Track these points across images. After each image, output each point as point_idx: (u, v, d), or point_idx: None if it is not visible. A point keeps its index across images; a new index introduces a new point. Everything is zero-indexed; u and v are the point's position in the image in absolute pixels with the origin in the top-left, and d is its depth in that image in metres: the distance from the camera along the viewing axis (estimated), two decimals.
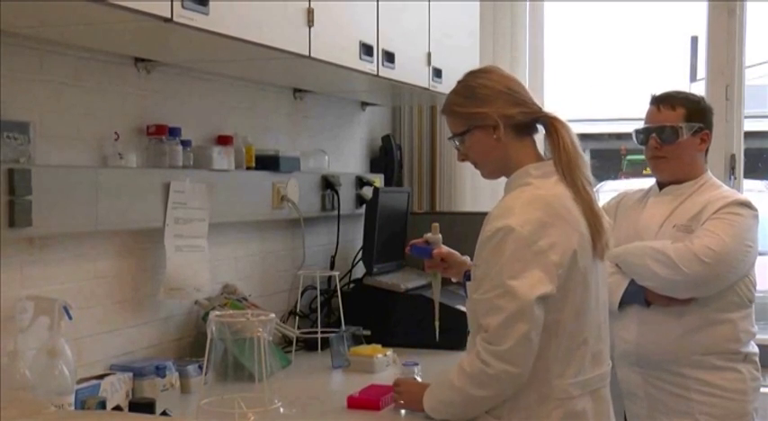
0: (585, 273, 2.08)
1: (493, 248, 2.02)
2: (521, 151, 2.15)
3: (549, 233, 2.00)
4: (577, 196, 2.07)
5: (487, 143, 2.14)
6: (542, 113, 2.16)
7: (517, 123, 2.13)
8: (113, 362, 2.55)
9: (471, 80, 2.19)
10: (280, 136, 3.40)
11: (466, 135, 2.17)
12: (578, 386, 2.07)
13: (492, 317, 2.02)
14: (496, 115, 2.12)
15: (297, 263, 3.42)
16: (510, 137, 2.14)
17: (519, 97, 2.15)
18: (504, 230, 2.00)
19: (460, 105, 2.18)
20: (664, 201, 2.78)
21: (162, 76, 2.74)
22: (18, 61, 2.25)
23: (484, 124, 2.13)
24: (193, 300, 2.88)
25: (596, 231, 2.08)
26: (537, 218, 2.01)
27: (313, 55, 2.59)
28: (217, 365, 2.48)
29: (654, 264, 2.62)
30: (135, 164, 2.58)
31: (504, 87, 2.14)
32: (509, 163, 2.16)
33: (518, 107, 2.13)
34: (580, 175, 2.10)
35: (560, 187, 2.08)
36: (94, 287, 2.51)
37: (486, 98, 2.14)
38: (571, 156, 2.10)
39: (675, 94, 2.82)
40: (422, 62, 3.38)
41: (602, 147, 11.95)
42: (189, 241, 2.75)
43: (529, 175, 2.12)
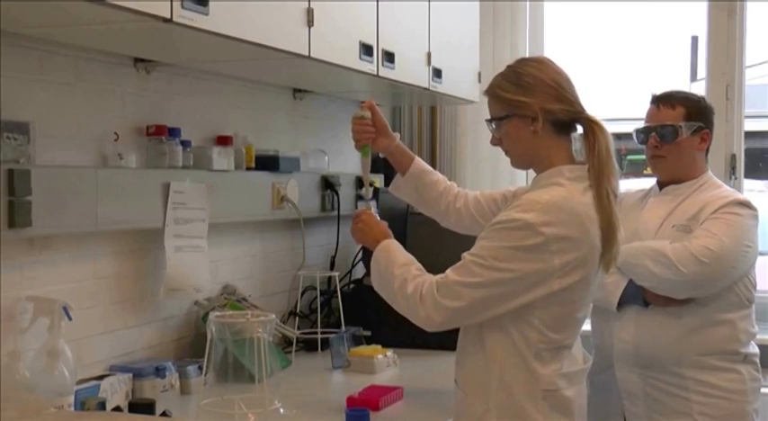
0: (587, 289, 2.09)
1: (500, 230, 2.02)
2: (555, 149, 2.13)
3: (566, 244, 1.99)
4: (599, 206, 2.05)
5: (523, 134, 2.12)
6: (584, 114, 2.13)
7: (557, 120, 2.11)
8: (113, 363, 2.56)
9: (520, 66, 2.16)
10: (279, 136, 3.40)
11: (503, 121, 2.15)
12: (564, 378, 2.08)
13: (459, 274, 2.03)
14: (537, 107, 2.09)
15: (297, 263, 3.43)
16: (547, 132, 2.11)
17: (564, 94, 2.12)
18: (521, 223, 1.99)
19: (504, 90, 2.15)
20: (663, 201, 2.78)
21: (162, 76, 2.74)
22: (18, 61, 2.25)
23: (523, 114, 2.11)
24: (193, 301, 2.88)
25: (608, 244, 2.06)
26: (558, 223, 1.99)
27: (313, 55, 2.59)
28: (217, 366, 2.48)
29: (652, 264, 2.62)
30: (135, 164, 2.58)
31: (551, 81, 2.11)
32: (541, 158, 2.14)
33: (561, 104, 2.11)
34: (607, 185, 2.07)
35: (588, 195, 2.06)
36: (94, 287, 2.52)
37: (531, 88, 2.11)
38: (603, 163, 2.07)
39: (675, 93, 2.82)
40: (422, 62, 3.38)
41: None
42: (189, 241, 2.75)
43: (561, 175, 2.10)
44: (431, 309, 2.05)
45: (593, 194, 2.06)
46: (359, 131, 2.47)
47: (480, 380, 2.10)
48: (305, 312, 3.41)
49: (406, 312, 2.11)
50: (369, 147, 2.47)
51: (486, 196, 2.49)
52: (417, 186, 2.53)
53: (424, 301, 2.05)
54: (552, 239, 1.98)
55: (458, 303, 2.03)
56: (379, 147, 2.51)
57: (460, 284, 2.03)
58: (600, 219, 2.05)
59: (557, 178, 2.09)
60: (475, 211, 2.47)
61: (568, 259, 2.00)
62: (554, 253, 1.99)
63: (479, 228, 2.17)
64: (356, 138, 2.47)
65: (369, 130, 2.46)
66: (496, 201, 2.45)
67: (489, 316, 2.04)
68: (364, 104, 2.48)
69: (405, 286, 2.09)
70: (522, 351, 2.04)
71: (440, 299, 2.04)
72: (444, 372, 2.34)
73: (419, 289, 2.07)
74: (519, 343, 2.04)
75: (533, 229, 1.98)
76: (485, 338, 2.08)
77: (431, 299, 2.05)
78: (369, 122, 2.46)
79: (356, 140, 2.48)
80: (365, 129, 2.46)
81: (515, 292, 2.01)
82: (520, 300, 2.01)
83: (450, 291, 2.03)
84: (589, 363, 2.22)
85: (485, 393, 2.08)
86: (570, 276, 2.01)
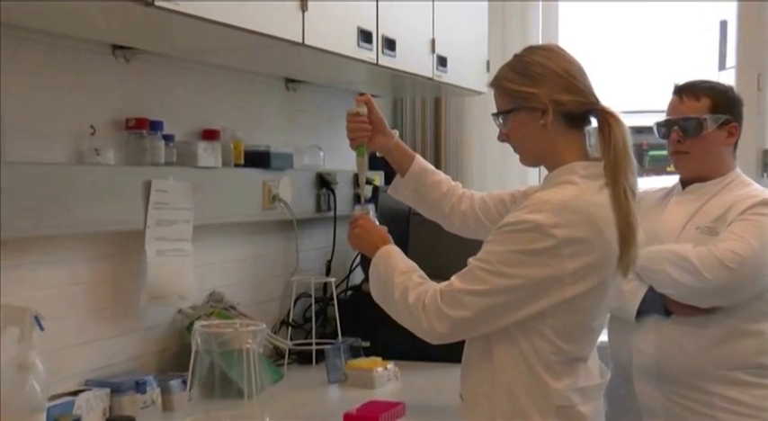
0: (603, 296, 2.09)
1: (509, 233, 2.02)
2: (567, 144, 2.13)
3: (579, 247, 1.99)
4: (616, 204, 2.05)
5: (532, 128, 2.12)
6: (598, 106, 2.13)
7: (568, 112, 2.11)
8: (89, 377, 2.56)
9: (527, 55, 2.16)
10: (271, 130, 3.40)
11: (510, 114, 2.15)
12: (579, 394, 2.08)
13: (464, 282, 2.04)
14: (546, 99, 2.09)
15: (290, 268, 3.43)
16: (558, 126, 2.11)
17: (576, 84, 2.12)
18: (530, 224, 2.00)
19: (510, 80, 2.15)
20: (686, 200, 2.78)
21: (142, 64, 2.74)
22: None
23: (531, 106, 2.11)
24: (177, 309, 2.89)
25: (626, 246, 2.06)
26: (570, 225, 1.99)
27: (307, 42, 2.59)
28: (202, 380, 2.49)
29: (674, 269, 2.62)
30: (113, 161, 2.59)
31: (561, 70, 2.11)
32: (552, 155, 2.14)
33: (572, 94, 2.11)
34: (624, 182, 2.07)
35: (604, 194, 2.06)
36: (69, 295, 2.52)
37: (539, 78, 2.11)
38: (620, 158, 2.07)
39: (700, 82, 2.81)
40: (425, 50, 3.39)
41: None
42: (172, 245, 2.75)
43: (574, 173, 2.09)
44: (434, 319, 2.05)
45: (609, 193, 2.06)
46: (354, 129, 2.47)
47: (487, 395, 2.10)
48: (298, 321, 3.41)
49: (407, 323, 2.11)
50: (365, 146, 2.47)
51: (493, 197, 2.49)
52: (418, 188, 2.53)
53: (426, 311, 2.05)
54: (564, 242, 1.98)
55: (463, 313, 2.03)
56: (376, 146, 2.51)
57: (466, 292, 2.03)
58: (617, 220, 2.05)
59: (569, 176, 2.09)
60: (481, 213, 2.47)
61: (582, 263, 2.00)
62: (566, 257, 1.99)
63: (486, 231, 2.17)
64: (351, 136, 2.47)
65: (364, 128, 2.46)
66: (504, 201, 2.45)
67: (497, 326, 2.04)
68: (359, 98, 2.48)
69: (406, 295, 2.10)
70: (533, 363, 2.05)
71: (444, 308, 2.04)
72: (449, 386, 2.35)
73: (421, 298, 2.07)
74: (529, 354, 2.05)
75: (543, 232, 1.98)
76: (492, 350, 2.08)
77: (434, 308, 2.05)
78: (364, 119, 2.46)
79: (351, 139, 2.48)
80: (360, 127, 2.46)
81: (525, 300, 2.01)
82: (530, 309, 2.01)
83: (455, 299, 2.03)
84: (607, 378, 2.22)
85: (492, 409, 2.09)
86: (584, 282, 2.01)
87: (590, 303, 2.06)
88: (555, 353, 2.05)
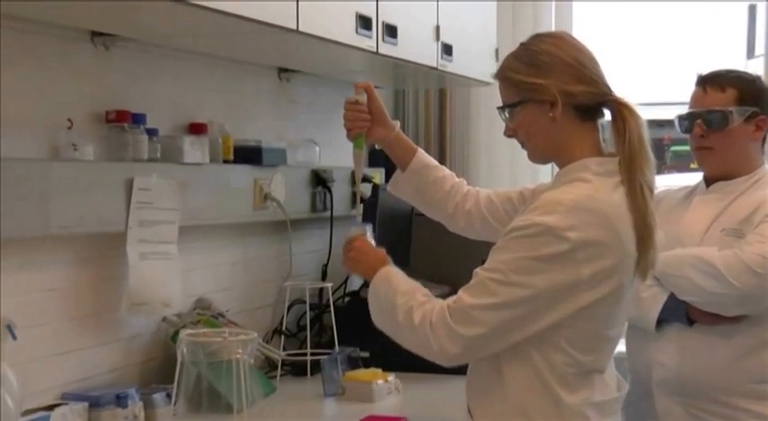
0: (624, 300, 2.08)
1: (518, 238, 2.02)
2: (579, 139, 2.13)
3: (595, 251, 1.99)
4: (632, 203, 2.05)
5: (541, 121, 2.12)
6: (611, 96, 2.13)
7: (579, 104, 2.11)
8: (66, 390, 2.55)
9: (534, 44, 2.17)
10: (263, 124, 3.40)
11: (517, 107, 2.15)
12: (595, 409, 2.07)
13: (474, 295, 2.02)
14: (556, 90, 2.09)
15: (283, 272, 3.43)
16: (569, 119, 2.11)
17: (586, 73, 2.12)
18: (542, 228, 1.99)
19: (516, 71, 2.15)
20: (710, 200, 2.77)
21: (124, 53, 2.74)
22: None
23: (540, 98, 2.11)
24: (161, 317, 2.88)
25: (644, 247, 2.06)
26: (585, 227, 1.98)
27: (301, 29, 2.59)
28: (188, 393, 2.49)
29: (697, 275, 2.61)
30: (92, 156, 2.58)
31: (570, 58, 2.11)
32: (562, 150, 2.14)
33: (583, 85, 2.10)
34: (641, 178, 2.06)
35: (619, 192, 2.06)
36: (44, 301, 2.51)
37: (548, 68, 2.11)
38: (636, 153, 2.07)
39: (725, 72, 2.81)
40: (429, 37, 3.39)
41: None
42: (156, 247, 2.75)
43: (587, 170, 2.09)
44: (444, 339, 2.03)
45: (625, 191, 2.06)
46: (351, 118, 2.46)
47: (495, 410, 2.09)
48: (292, 330, 3.41)
49: (415, 346, 2.10)
50: (363, 137, 2.46)
51: (500, 195, 2.49)
52: (420, 184, 2.53)
53: (435, 331, 2.03)
54: (579, 246, 1.98)
55: (476, 330, 2.01)
56: (375, 138, 2.50)
57: (477, 307, 2.01)
58: (634, 220, 2.05)
59: (582, 173, 2.09)
60: (487, 212, 2.46)
61: (598, 268, 1.99)
62: (582, 261, 1.98)
63: (492, 232, 2.17)
64: (348, 125, 2.46)
65: (363, 117, 2.45)
66: (512, 200, 2.44)
67: (514, 341, 2.03)
68: (359, 85, 2.47)
69: (411, 316, 2.08)
70: (545, 376, 2.04)
71: (454, 326, 2.02)
72: (454, 400, 2.34)
73: (428, 317, 2.05)
74: (541, 366, 2.04)
75: (557, 235, 1.97)
76: (500, 361, 2.08)
77: (443, 327, 2.03)
78: (364, 107, 2.45)
79: (348, 129, 2.47)
80: (359, 116, 2.45)
81: (541, 311, 2.00)
82: (547, 320, 2.01)
83: (466, 316, 2.02)
84: (624, 391, 2.21)
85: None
86: (601, 287, 2.01)
87: (607, 310, 2.05)
88: (570, 364, 2.04)
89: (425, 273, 3.69)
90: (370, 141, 2.50)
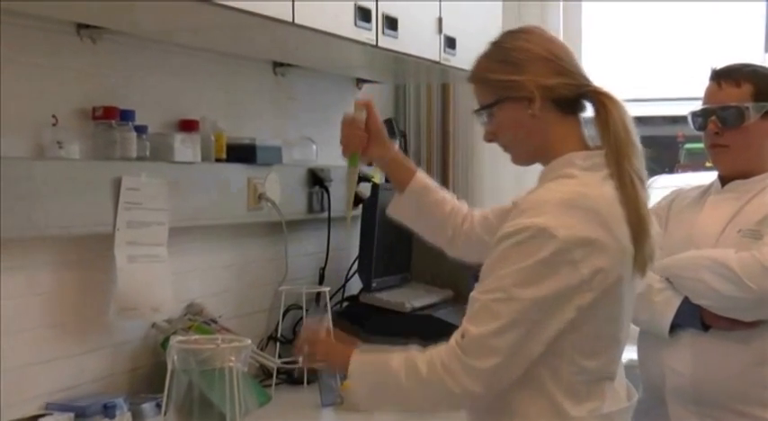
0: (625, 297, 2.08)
1: (511, 247, 2.01)
2: (562, 133, 2.14)
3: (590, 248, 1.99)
4: (623, 195, 2.06)
5: (520, 119, 2.13)
6: (590, 87, 2.15)
7: (558, 98, 2.12)
8: (50, 400, 2.55)
9: (506, 41, 2.18)
10: (257, 121, 3.40)
11: (495, 108, 2.16)
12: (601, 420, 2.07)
13: (480, 323, 2.00)
14: (533, 85, 2.10)
15: (278, 276, 3.43)
16: (549, 114, 2.12)
17: (563, 65, 2.13)
18: (532, 230, 1.99)
19: (490, 71, 2.17)
20: (726, 199, 2.77)
21: (111, 46, 2.74)
22: None
23: (517, 95, 2.12)
24: (150, 323, 2.89)
25: (639, 241, 2.06)
26: (577, 225, 1.98)
27: (297, 21, 2.59)
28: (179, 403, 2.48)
29: (712, 277, 2.61)
30: (78, 155, 2.58)
31: (545, 52, 2.13)
32: (546, 147, 2.15)
33: (561, 77, 2.12)
34: (629, 169, 2.07)
35: (608, 186, 2.07)
36: (28, 306, 2.51)
37: (522, 63, 2.12)
38: (621, 142, 2.09)
39: (741, 66, 2.80)
40: (431, 29, 3.39)
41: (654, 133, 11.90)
42: (145, 250, 2.75)
43: (572, 165, 2.11)
44: (464, 378, 1.99)
45: (614, 184, 2.07)
46: (348, 136, 2.49)
47: None
48: (288, 337, 3.40)
49: (434, 403, 2.04)
50: (357, 156, 2.49)
51: (495, 211, 2.49)
52: (420, 206, 2.53)
53: (451, 373, 2.00)
54: (573, 245, 1.97)
55: (494, 359, 1.98)
56: (372, 156, 2.53)
57: (488, 335, 1.98)
58: (627, 213, 2.05)
59: (567, 169, 2.10)
60: (483, 232, 2.45)
61: (596, 266, 1.99)
62: (579, 261, 1.98)
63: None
64: (344, 143, 2.49)
65: (359, 135, 2.48)
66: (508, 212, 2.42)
67: (532, 359, 2.01)
68: (359, 103, 2.50)
69: (416, 371, 2.03)
70: (549, 388, 2.03)
71: (470, 361, 1.99)
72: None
73: (435, 363, 2.01)
74: (545, 378, 2.03)
75: (549, 235, 1.97)
76: None
77: (458, 366, 1.99)
78: (360, 125, 2.48)
79: (344, 146, 2.50)
80: (355, 134, 2.48)
81: (549, 318, 1.99)
82: (556, 326, 2.00)
83: (479, 347, 1.99)
84: (635, 400, 2.21)
85: None
86: (602, 286, 2.01)
87: (609, 309, 2.05)
88: (577, 373, 2.04)
89: (426, 276, 3.70)
90: (366, 159, 2.53)
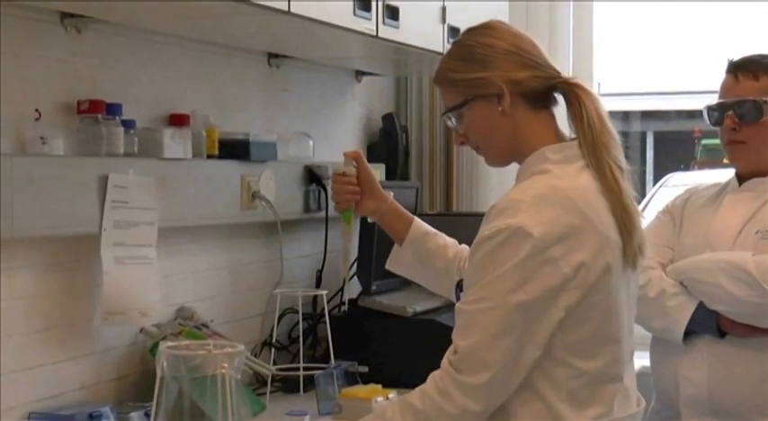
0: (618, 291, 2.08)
1: (489, 252, 2.03)
2: (535, 128, 2.17)
3: (569, 243, 2.00)
4: (604, 186, 2.08)
5: (491, 118, 2.16)
6: (560, 79, 2.17)
7: (528, 91, 2.15)
8: (33, 409, 2.55)
9: (469, 38, 2.22)
10: (251, 115, 3.40)
11: (464, 108, 2.18)
12: None
13: (470, 336, 2.02)
14: (500, 81, 2.13)
15: (273, 279, 3.43)
16: (520, 109, 2.15)
17: (530, 59, 2.16)
18: (508, 231, 2.01)
19: (455, 70, 2.20)
20: (743, 199, 2.77)
21: (97, 36, 2.74)
22: None
23: (485, 93, 2.15)
24: (139, 328, 2.89)
25: (626, 232, 2.08)
26: (553, 220, 2.01)
27: (293, 10, 2.59)
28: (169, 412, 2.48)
29: (729, 281, 2.61)
30: (62, 151, 2.59)
31: (510, 46, 2.16)
32: (520, 144, 2.17)
33: (528, 70, 2.15)
34: (607, 158, 2.10)
35: (585, 176, 2.10)
36: (9, 311, 2.51)
37: (488, 59, 2.15)
38: (596, 132, 2.11)
39: (759, 58, 2.80)
40: (434, 19, 3.39)
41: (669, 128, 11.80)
42: (133, 251, 2.75)
43: (545, 160, 2.13)
44: (461, 398, 2.01)
45: (592, 174, 2.10)
46: (339, 191, 2.53)
47: None
48: (283, 342, 3.41)
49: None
50: (352, 212, 2.53)
51: None
52: (421, 254, 2.56)
53: (447, 396, 2.02)
54: (551, 242, 1.99)
55: (488, 373, 2.00)
56: (366, 211, 2.56)
57: (478, 348, 2.01)
58: (609, 203, 2.08)
59: (540, 165, 2.13)
60: None
61: (577, 260, 2.01)
62: (559, 259, 2.00)
63: None
64: (336, 199, 2.53)
65: (352, 190, 2.51)
66: None
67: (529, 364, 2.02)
68: (348, 155, 2.53)
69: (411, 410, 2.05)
70: (544, 392, 2.04)
71: (464, 379, 2.01)
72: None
73: (429, 392, 2.04)
74: (538, 381, 2.04)
75: (525, 234, 1.99)
76: None
77: (453, 386, 2.02)
78: (352, 180, 2.51)
79: (336, 202, 2.54)
80: (347, 189, 2.51)
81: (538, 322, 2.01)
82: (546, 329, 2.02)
83: (471, 361, 2.01)
84: (642, 406, 2.21)
85: None
86: (587, 281, 2.02)
87: (601, 306, 2.06)
88: (574, 376, 2.05)
89: None
90: (360, 215, 2.56)
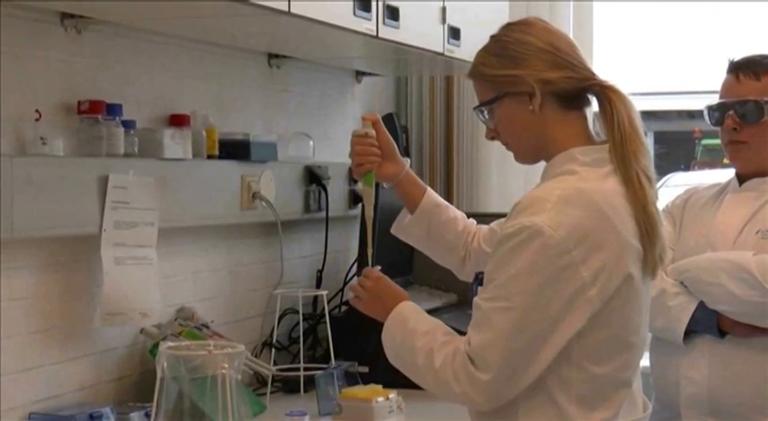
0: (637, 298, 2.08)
1: (510, 250, 2.03)
2: (564, 129, 2.15)
3: (590, 246, 2.00)
4: (630, 192, 2.07)
5: (521, 115, 2.15)
6: (594, 81, 2.16)
7: (561, 92, 2.14)
8: (33, 410, 2.55)
9: (505, 34, 2.20)
10: (251, 115, 3.40)
11: (495, 104, 2.17)
12: None
13: (482, 333, 2.02)
14: (532, 79, 2.12)
15: (273, 279, 3.43)
16: (551, 109, 2.14)
17: (564, 58, 2.15)
18: (531, 231, 2.00)
19: (489, 66, 2.19)
20: (744, 199, 2.77)
21: (97, 36, 2.74)
22: None
23: (517, 91, 2.14)
24: (139, 328, 2.89)
25: (648, 240, 2.07)
26: (576, 222, 2.00)
27: (293, 10, 2.58)
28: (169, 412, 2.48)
29: (730, 281, 2.61)
30: (62, 151, 2.59)
31: (545, 44, 2.15)
32: (549, 143, 2.16)
33: (562, 70, 2.14)
34: (636, 165, 2.09)
35: (612, 181, 2.08)
36: (8, 312, 2.51)
37: (522, 57, 2.14)
38: (627, 137, 2.10)
39: (761, 58, 2.80)
40: (434, 19, 3.39)
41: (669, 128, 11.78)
42: (133, 251, 2.75)
43: (574, 161, 2.12)
44: (467, 386, 2.03)
45: (619, 180, 2.08)
46: (361, 152, 2.47)
47: None
48: (283, 343, 3.41)
49: (438, 391, 2.10)
50: (373, 175, 2.48)
51: (501, 223, 2.49)
52: (431, 225, 2.54)
53: (456, 377, 2.04)
54: (572, 245, 1.99)
55: (492, 372, 2.01)
56: (386, 175, 2.52)
57: (487, 346, 2.01)
58: (634, 211, 2.07)
59: (568, 165, 2.12)
60: (488, 247, 2.45)
61: (597, 265, 2.00)
62: (579, 263, 1.99)
63: None
64: (358, 161, 2.48)
65: (374, 152, 2.47)
66: None
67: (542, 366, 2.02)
68: (366, 118, 2.49)
69: (431, 361, 2.08)
70: (557, 396, 2.04)
71: (473, 371, 2.02)
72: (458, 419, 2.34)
73: (449, 362, 2.06)
74: (552, 385, 2.04)
75: (547, 235, 1.99)
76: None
77: (464, 373, 2.03)
78: (374, 141, 2.47)
79: (358, 164, 2.48)
80: (369, 151, 2.47)
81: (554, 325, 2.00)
82: (564, 332, 2.01)
83: (479, 358, 2.02)
84: (649, 411, 2.21)
85: None
86: (607, 285, 2.02)
87: (620, 312, 2.06)
88: (586, 379, 2.05)
89: (429, 279, 3.70)
90: (380, 179, 2.52)
